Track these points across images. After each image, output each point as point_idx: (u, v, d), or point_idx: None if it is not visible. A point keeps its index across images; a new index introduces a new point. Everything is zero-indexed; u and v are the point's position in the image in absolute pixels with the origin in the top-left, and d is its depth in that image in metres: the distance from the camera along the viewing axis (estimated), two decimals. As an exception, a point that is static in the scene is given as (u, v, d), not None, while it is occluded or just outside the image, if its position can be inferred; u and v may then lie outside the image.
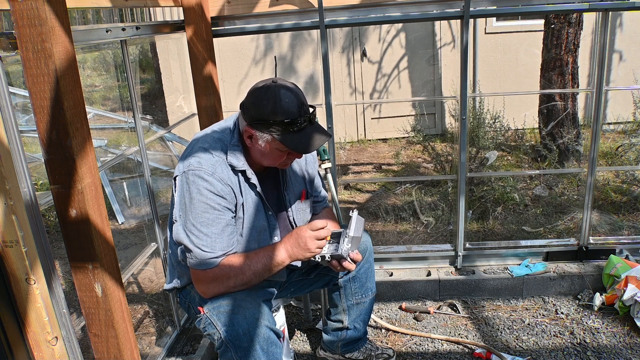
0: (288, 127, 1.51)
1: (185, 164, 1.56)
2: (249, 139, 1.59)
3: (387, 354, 2.19)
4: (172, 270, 1.78)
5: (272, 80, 1.56)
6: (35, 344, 1.24)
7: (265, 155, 1.60)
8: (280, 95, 1.51)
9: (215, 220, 1.54)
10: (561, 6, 2.44)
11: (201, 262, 1.54)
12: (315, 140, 1.55)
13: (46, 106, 1.17)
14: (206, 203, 1.52)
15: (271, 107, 1.50)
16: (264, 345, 1.50)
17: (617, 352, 2.18)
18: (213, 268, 1.55)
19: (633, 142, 4.50)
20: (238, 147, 1.61)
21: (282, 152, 1.59)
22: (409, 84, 6.27)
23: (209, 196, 1.53)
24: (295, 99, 1.52)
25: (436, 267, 2.77)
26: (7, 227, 1.13)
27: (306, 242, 1.59)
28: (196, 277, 1.59)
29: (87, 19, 5.53)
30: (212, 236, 1.53)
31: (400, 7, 2.40)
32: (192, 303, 1.70)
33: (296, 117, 1.51)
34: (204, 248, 1.53)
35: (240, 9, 2.44)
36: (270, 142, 1.55)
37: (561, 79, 4.44)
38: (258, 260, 1.59)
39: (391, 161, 5.43)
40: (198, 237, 1.53)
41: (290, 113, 1.50)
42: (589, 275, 2.61)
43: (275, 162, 1.62)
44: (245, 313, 1.52)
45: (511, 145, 5.19)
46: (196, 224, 1.52)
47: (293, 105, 1.51)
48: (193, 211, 1.52)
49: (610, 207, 3.67)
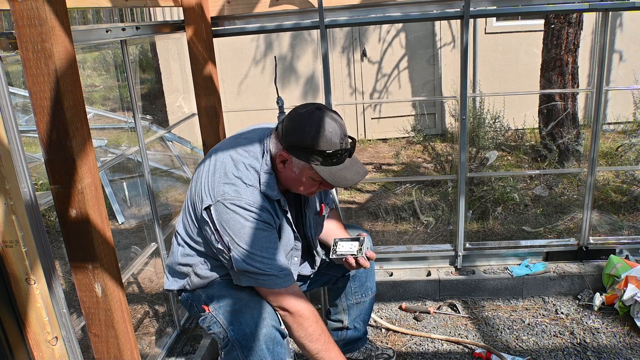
0: (328, 158, 1.47)
1: (219, 193, 1.50)
2: (281, 163, 1.54)
3: (387, 354, 2.19)
4: (180, 273, 1.73)
5: (316, 107, 1.50)
6: (35, 344, 1.24)
7: (296, 182, 1.57)
8: (324, 124, 1.45)
9: (271, 242, 1.53)
10: (561, 6, 2.44)
11: (275, 283, 1.53)
12: (353, 175, 1.52)
13: (46, 106, 1.17)
14: (258, 229, 1.50)
15: (314, 135, 1.45)
16: (269, 344, 1.51)
17: (617, 352, 2.18)
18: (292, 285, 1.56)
19: (633, 142, 4.50)
20: (271, 175, 1.56)
21: (315, 182, 1.55)
22: (409, 84, 6.27)
23: (257, 224, 1.50)
24: (339, 130, 1.47)
25: (436, 267, 2.77)
26: (7, 227, 1.13)
27: None
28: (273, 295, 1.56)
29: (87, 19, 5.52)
30: (275, 257, 1.53)
31: (400, 7, 2.40)
32: (196, 302, 1.69)
33: (338, 149, 1.47)
34: (273, 271, 1.52)
35: (240, 9, 2.44)
36: (306, 170, 1.52)
37: (561, 79, 4.44)
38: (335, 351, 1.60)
39: (391, 161, 5.43)
40: (262, 262, 1.51)
41: (333, 144, 1.46)
42: (589, 275, 2.61)
43: (305, 190, 1.60)
44: (252, 312, 1.52)
45: (511, 145, 5.19)
46: (255, 251, 1.49)
47: (336, 136, 1.46)
48: (247, 241, 1.49)
49: (610, 207, 3.66)
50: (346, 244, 1.78)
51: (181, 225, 1.71)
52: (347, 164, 1.52)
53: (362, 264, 1.75)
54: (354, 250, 1.75)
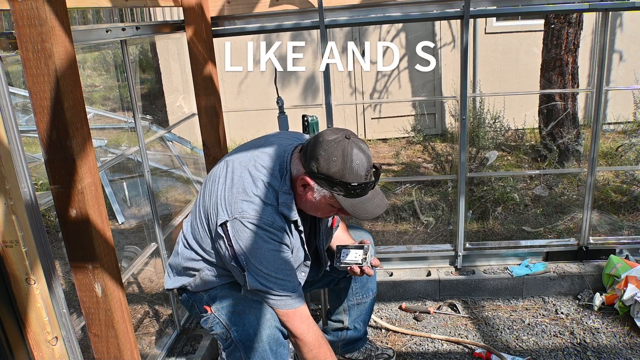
0: (351, 190, 1.45)
1: (236, 210, 1.48)
2: (302, 187, 1.52)
3: (387, 354, 2.19)
4: (185, 273, 1.71)
5: (345, 136, 1.46)
6: (35, 344, 1.24)
7: (314, 207, 1.55)
8: (352, 155, 1.42)
9: (286, 263, 1.52)
10: (561, 6, 2.44)
11: (286, 304, 1.53)
12: (374, 209, 1.50)
13: (46, 106, 1.17)
14: (274, 250, 1.49)
15: (340, 167, 1.42)
16: (272, 345, 1.51)
17: (617, 352, 2.18)
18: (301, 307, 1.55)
19: (633, 142, 4.50)
20: (290, 195, 1.53)
21: (333, 209, 1.54)
22: (409, 84, 6.27)
23: (274, 244, 1.49)
24: (366, 162, 1.45)
25: (436, 267, 2.77)
26: (7, 227, 1.13)
27: None
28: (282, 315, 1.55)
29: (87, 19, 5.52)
30: (289, 278, 1.53)
31: (400, 7, 2.40)
32: (198, 302, 1.68)
33: (363, 182, 1.45)
34: (285, 292, 1.52)
35: (240, 9, 2.44)
36: (326, 199, 1.50)
37: (561, 79, 4.44)
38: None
39: (391, 161, 5.43)
40: (276, 284, 1.50)
41: (359, 177, 1.43)
42: (589, 275, 2.61)
43: (322, 214, 1.59)
44: (255, 313, 1.52)
45: (511, 145, 5.19)
46: (270, 272, 1.49)
47: (363, 169, 1.44)
48: (262, 261, 1.48)
49: (610, 207, 3.66)
50: (351, 252, 1.78)
51: (190, 230, 1.68)
52: (370, 196, 1.50)
53: (367, 273, 1.74)
54: (359, 260, 1.75)
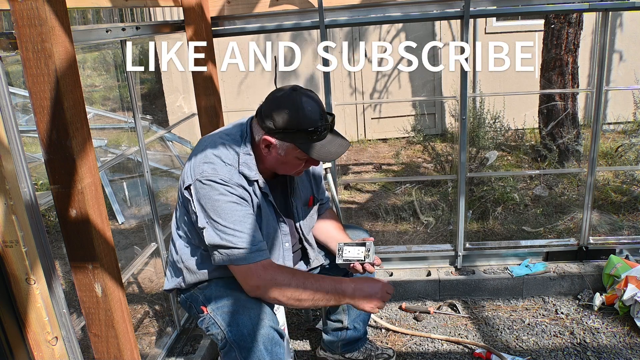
0: (310, 136, 1.51)
1: (198, 172, 1.54)
2: (266, 148, 1.57)
3: (387, 354, 2.19)
4: (174, 271, 1.76)
5: (292, 88, 1.54)
6: (35, 344, 1.24)
7: (282, 164, 1.60)
8: (302, 103, 1.50)
9: (244, 216, 1.54)
10: (561, 6, 2.44)
11: (246, 257, 1.52)
12: (337, 148, 1.55)
13: (46, 106, 1.17)
14: (231, 202, 1.52)
15: (294, 116, 1.49)
16: (267, 345, 1.50)
17: (617, 352, 2.18)
18: (264, 265, 1.54)
19: (633, 142, 4.50)
20: (250, 156, 1.60)
21: (300, 161, 1.59)
22: (409, 83, 6.27)
23: (231, 197, 1.52)
24: (317, 107, 1.52)
25: (436, 267, 2.77)
26: (7, 227, 1.13)
27: (374, 294, 1.61)
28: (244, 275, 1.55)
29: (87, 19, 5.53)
30: (247, 231, 1.53)
31: (400, 7, 2.40)
32: (195, 303, 1.69)
33: (319, 125, 1.51)
34: (244, 244, 1.52)
35: (240, 9, 2.44)
36: (291, 151, 1.54)
37: (561, 79, 4.44)
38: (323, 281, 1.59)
39: (391, 161, 5.43)
40: (234, 236, 1.51)
41: (314, 121, 1.50)
42: (589, 275, 2.61)
43: (291, 170, 1.63)
44: (249, 313, 1.52)
45: (511, 145, 5.19)
46: (228, 224, 1.51)
47: (316, 113, 1.51)
48: (220, 214, 1.51)
49: (610, 207, 3.67)
50: (352, 249, 1.78)
51: (174, 220, 1.75)
52: (330, 138, 1.56)
53: (368, 270, 1.75)
54: (360, 257, 1.75)
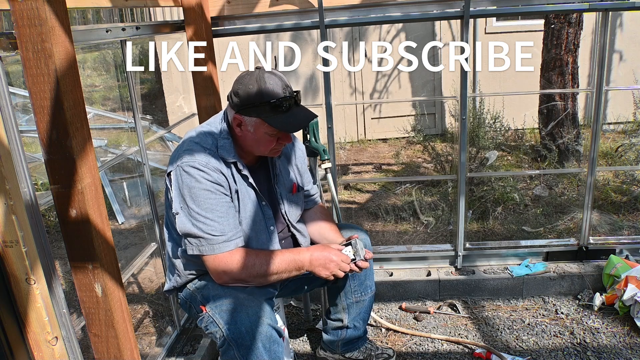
0: (275, 109, 1.56)
1: (179, 159, 1.59)
2: (238, 127, 1.63)
3: (387, 354, 2.18)
4: (170, 270, 1.79)
5: (256, 67, 1.61)
6: (35, 344, 1.24)
7: (256, 142, 1.64)
8: (264, 78, 1.56)
9: (218, 204, 1.57)
10: (561, 6, 2.44)
11: (214, 247, 1.56)
12: (302, 119, 1.61)
13: (46, 106, 1.17)
14: (206, 189, 1.55)
15: (257, 90, 1.55)
16: (266, 343, 1.51)
17: (617, 352, 2.18)
18: (231, 251, 1.57)
19: (633, 142, 4.50)
20: (228, 140, 1.64)
21: (271, 137, 1.63)
22: (409, 84, 6.27)
23: (206, 184, 1.56)
24: (279, 81, 1.57)
25: (436, 267, 2.77)
26: (7, 227, 1.13)
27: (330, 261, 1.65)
28: (212, 263, 1.58)
29: (87, 19, 5.53)
30: (219, 220, 1.56)
31: (400, 7, 2.40)
32: (193, 302, 1.70)
33: (281, 97, 1.56)
34: (214, 232, 1.55)
35: (240, 9, 2.44)
36: (259, 126, 1.59)
37: (561, 79, 4.44)
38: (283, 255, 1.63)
39: (391, 161, 5.43)
40: (205, 224, 1.55)
41: (276, 94, 1.56)
42: (589, 275, 2.61)
43: (266, 148, 1.66)
44: (248, 311, 1.52)
45: (511, 145, 5.20)
46: (200, 211, 1.55)
47: (278, 86, 1.57)
48: (195, 200, 1.55)
49: (610, 207, 3.67)
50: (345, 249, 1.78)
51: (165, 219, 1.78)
52: (295, 111, 1.61)
53: (362, 267, 1.75)
54: (350, 256, 1.75)
